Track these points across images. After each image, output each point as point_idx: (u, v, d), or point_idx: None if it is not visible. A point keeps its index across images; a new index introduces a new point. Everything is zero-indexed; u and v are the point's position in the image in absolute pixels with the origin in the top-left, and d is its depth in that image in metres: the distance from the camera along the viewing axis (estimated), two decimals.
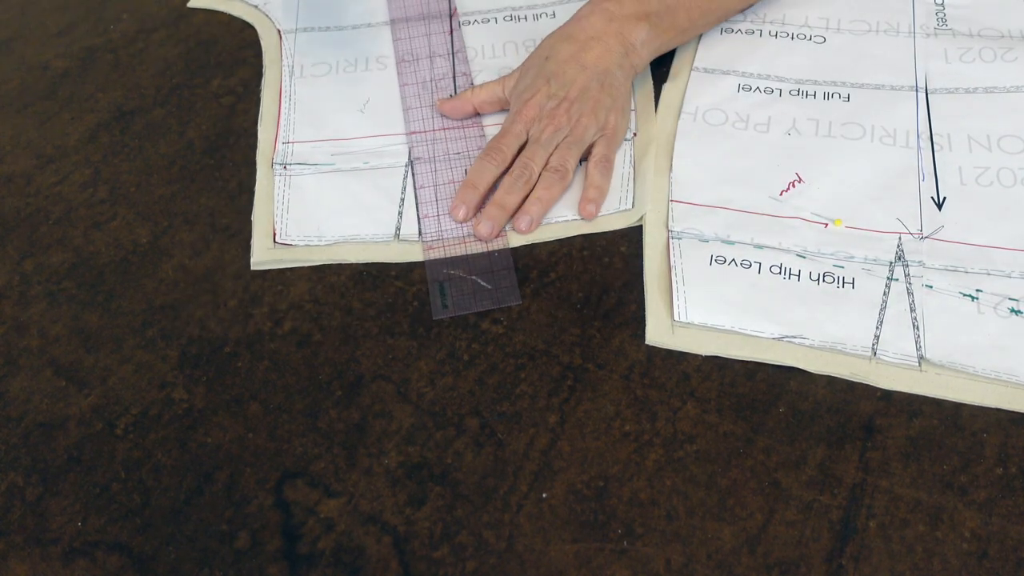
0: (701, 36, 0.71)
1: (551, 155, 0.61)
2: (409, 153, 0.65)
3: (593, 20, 0.64)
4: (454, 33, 0.74)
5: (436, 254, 0.59)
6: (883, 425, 0.50)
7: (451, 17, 0.75)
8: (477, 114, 0.67)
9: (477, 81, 0.69)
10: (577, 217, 0.60)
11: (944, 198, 0.59)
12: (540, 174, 0.60)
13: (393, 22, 0.75)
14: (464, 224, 0.60)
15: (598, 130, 0.62)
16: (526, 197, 0.60)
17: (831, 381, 0.52)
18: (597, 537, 0.46)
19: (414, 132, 0.66)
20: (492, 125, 0.66)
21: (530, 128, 0.62)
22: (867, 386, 0.51)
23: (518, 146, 0.62)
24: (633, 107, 0.67)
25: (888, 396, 0.51)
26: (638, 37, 0.64)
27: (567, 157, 0.60)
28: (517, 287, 0.57)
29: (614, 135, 0.63)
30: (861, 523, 0.46)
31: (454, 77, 0.70)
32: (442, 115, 0.67)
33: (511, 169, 0.61)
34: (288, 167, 0.64)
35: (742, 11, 0.72)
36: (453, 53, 0.72)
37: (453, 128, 0.66)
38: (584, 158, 0.63)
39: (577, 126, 0.61)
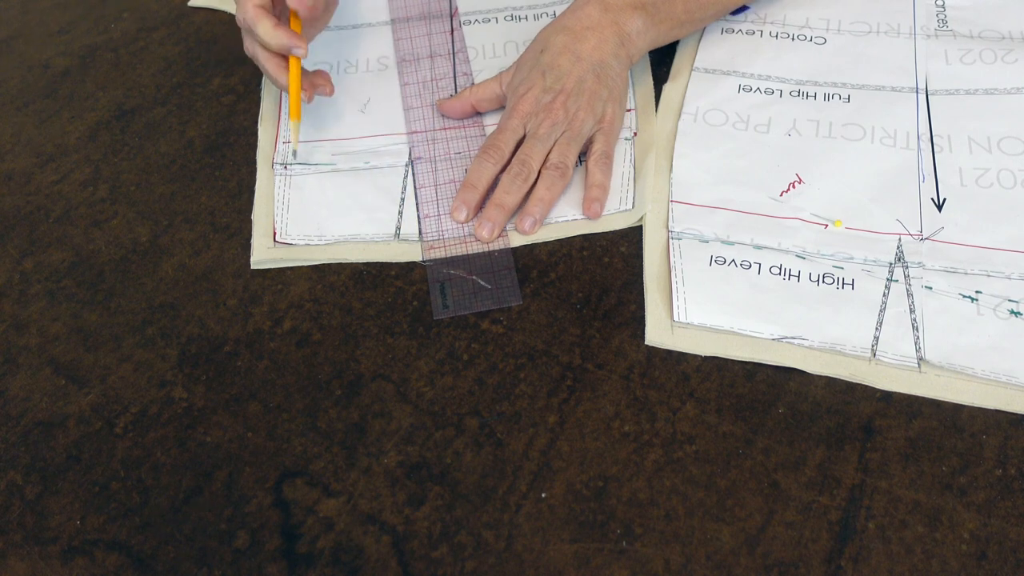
0: (702, 36, 0.71)
1: (550, 151, 0.61)
2: (409, 153, 0.65)
3: (588, 10, 0.64)
4: (455, 33, 0.74)
5: (436, 254, 0.59)
6: (882, 426, 0.50)
7: (452, 17, 0.75)
8: (477, 113, 0.67)
9: (478, 81, 0.69)
10: (578, 217, 0.60)
11: (944, 199, 0.59)
12: (540, 171, 0.60)
13: (394, 22, 0.75)
14: (465, 224, 0.60)
15: (595, 123, 0.62)
16: (526, 194, 0.60)
17: (830, 382, 0.52)
18: (596, 537, 0.46)
19: (415, 132, 0.66)
20: (492, 124, 0.66)
21: (527, 123, 0.61)
22: (866, 387, 0.51)
23: (515, 142, 0.61)
24: (633, 107, 0.67)
25: (887, 397, 0.51)
26: (633, 26, 0.64)
27: (567, 153, 0.60)
28: (517, 287, 0.57)
29: (611, 127, 0.62)
30: (860, 524, 0.46)
31: (455, 77, 0.70)
32: (442, 115, 0.67)
33: (509, 167, 0.60)
34: (288, 167, 0.64)
35: (741, 5, 0.72)
36: (454, 53, 0.72)
37: (453, 128, 0.66)
38: (583, 153, 0.63)
39: (574, 120, 0.61)
